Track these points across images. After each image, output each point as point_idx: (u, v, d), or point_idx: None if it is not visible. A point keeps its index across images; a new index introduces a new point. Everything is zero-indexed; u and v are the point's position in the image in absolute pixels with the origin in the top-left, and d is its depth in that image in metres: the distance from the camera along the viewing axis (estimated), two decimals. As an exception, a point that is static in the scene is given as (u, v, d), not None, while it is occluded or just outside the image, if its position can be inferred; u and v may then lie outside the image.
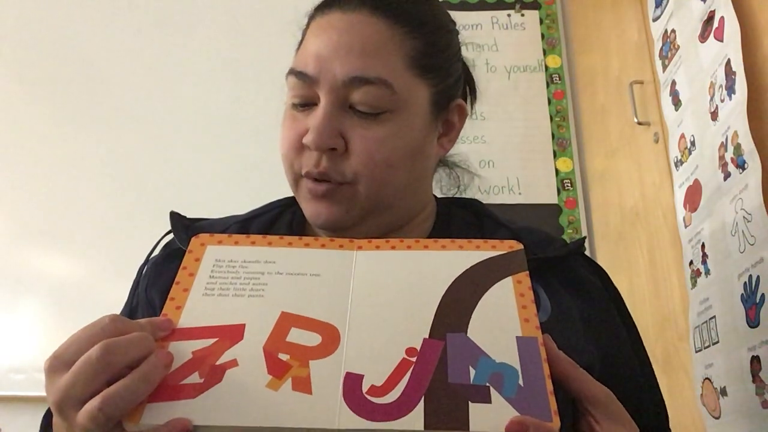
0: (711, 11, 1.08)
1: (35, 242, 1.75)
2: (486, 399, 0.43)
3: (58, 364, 0.43)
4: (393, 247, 0.56)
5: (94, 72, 1.90)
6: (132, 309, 0.69)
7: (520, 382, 0.44)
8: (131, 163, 1.82)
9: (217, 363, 0.45)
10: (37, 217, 1.76)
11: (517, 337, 0.48)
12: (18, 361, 1.60)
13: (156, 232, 0.70)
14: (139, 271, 0.71)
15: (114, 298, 0.72)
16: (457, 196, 0.78)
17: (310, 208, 0.65)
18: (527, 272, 0.53)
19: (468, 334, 0.48)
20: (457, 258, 0.54)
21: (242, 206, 0.77)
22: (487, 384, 0.44)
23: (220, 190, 1.75)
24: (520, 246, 0.55)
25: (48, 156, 1.82)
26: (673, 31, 1.25)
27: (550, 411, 0.43)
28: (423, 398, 0.43)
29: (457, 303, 0.50)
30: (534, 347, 0.47)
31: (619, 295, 0.72)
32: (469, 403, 0.43)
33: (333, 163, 0.62)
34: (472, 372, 0.45)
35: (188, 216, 0.72)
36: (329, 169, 0.62)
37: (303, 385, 0.44)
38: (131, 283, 0.71)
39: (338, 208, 0.63)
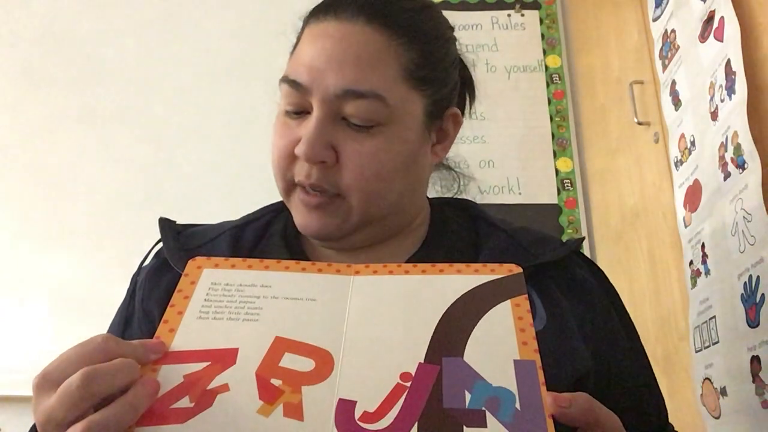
0: (711, 11, 1.08)
1: (36, 243, 1.75)
2: (481, 424, 0.42)
3: (45, 383, 0.42)
4: (390, 272, 0.54)
5: (97, 74, 1.90)
6: (127, 319, 0.68)
7: (517, 405, 0.43)
8: (133, 164, 1.82)
9: (208, 387, 0.44)
10: (38, 218, 1.77)
11: (515, 361, 0.46)
12: (18, 361, 1.60)
13: (158, 234, 0.69)
14: (132, 281, 0.70)
15: (115, 299, 0.71)
16: (450, 196, 0.77)
17: (301, 218, 0.64)
18: (526, 295, 0.52)
19: (464, 358, 0.47)
20: (455, 282, 0.53)
21: (244, 206, 0.76)
22: (483, 408, 0.43)
23: (223, 190, 1.75)
24: (519, 270, 0.54)
25: (49, 156, 1.82)
26: (673, 31, 1.25)
27: None
28: (416, 424, 0.42)
29: (454, 327, 0.49)
30: (532, 371, 0.46)
31: (616, 293, 0.71)
32: (464, 427, 0.42)
33: (324, 175, 0.61)
34: (468, 396, 0.44)
35: (182, 222, 0.71)
36: (321, 181, 0.61)
37: (295, 411, 0.43)
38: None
39: (330, 220, 0.63)
